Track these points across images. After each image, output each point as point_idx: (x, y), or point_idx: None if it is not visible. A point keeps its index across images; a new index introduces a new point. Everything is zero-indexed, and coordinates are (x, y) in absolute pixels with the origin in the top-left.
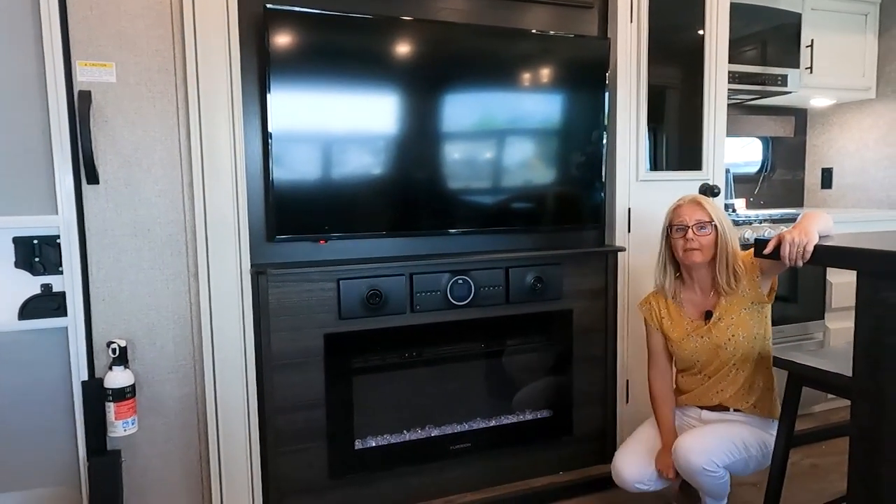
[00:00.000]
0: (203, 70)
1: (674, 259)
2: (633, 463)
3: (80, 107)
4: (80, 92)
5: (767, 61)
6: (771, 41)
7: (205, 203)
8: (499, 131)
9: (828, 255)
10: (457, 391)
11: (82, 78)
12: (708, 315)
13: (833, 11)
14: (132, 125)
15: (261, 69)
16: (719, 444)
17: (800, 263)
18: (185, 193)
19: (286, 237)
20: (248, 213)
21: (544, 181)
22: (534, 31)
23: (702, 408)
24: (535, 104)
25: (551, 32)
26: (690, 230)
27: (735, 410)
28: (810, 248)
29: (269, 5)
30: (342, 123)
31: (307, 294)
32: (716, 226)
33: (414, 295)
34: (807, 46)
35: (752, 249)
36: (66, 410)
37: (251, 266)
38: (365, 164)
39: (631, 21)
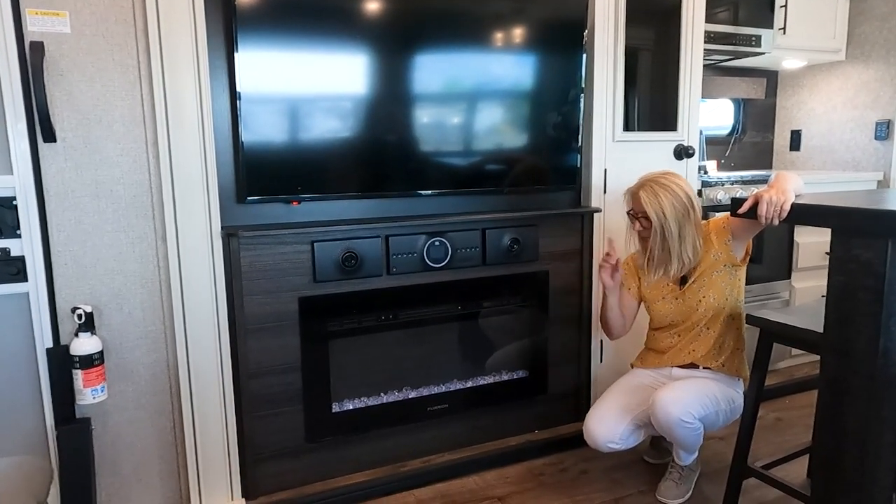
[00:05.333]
0: (165, 22)
1: None
2: (604, 423)
3: (32, 59)
4: (32, 43)
5: (741, 21)
6: (744, 1)
7: (171, 162)
8: (475, 91)
9: (804, 214)
10: (434, 353)
11: (33, 28)
12: (684, 280)
13: None
14: (90, 79)
15: (227, 25)
16: (694, 396)
17: (776, 222)
18: (150, 152)
19: (257, 198)
20: (217, 173)
21: (520, 142)
22: None
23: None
24: (512, 63)
25: None
26: (637, 222)
27: (704, 368)
28: (787, 207)
29: None
30: (313, 83)
31: (281, 257)
32: (653, 221)
33: (390, 257)
34: (781, 6)
35: (719, 216)
36: (32, 378)
37: (222, 228)
38: (337, 124)
39: None
